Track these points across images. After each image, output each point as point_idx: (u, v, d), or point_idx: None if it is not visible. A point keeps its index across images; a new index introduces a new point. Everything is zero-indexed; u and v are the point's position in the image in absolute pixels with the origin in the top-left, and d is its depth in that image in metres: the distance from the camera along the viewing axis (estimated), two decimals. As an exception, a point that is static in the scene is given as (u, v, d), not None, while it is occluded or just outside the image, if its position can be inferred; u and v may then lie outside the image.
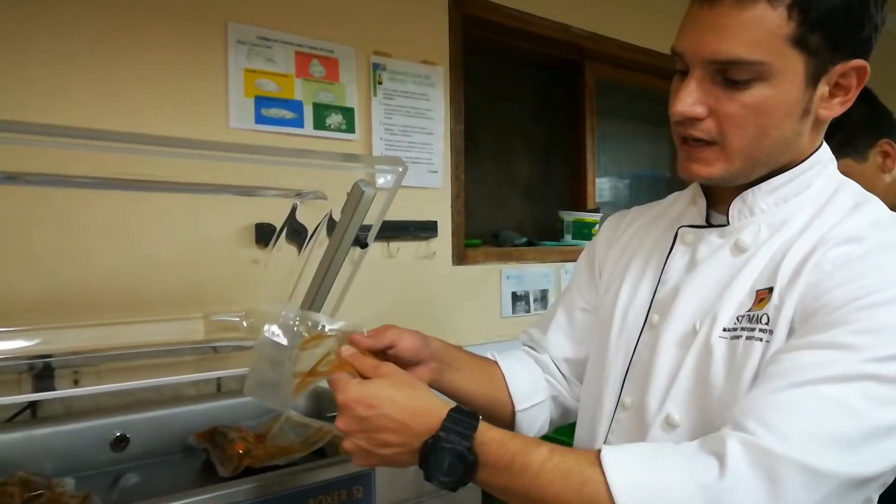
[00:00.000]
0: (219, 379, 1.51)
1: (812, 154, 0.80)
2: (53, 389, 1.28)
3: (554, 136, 2.62)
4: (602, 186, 2.65)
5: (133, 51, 1.43)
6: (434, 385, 0.92)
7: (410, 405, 0.72)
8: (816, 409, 0.62)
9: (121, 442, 1.21)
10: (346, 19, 1.74)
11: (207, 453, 1.20)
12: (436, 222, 1.93)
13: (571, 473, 0.65)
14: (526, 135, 2.56)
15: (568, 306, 1.03)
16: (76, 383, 1.34)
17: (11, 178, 1.10)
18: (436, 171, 1.94)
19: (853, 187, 0.81)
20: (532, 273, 2.20)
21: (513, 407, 0.96)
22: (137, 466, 1.19)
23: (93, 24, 1.38)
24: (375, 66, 1.81)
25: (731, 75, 0.71)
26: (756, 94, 0.71)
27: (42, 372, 1.28)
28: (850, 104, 0.77)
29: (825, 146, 0.82)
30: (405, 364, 0.88)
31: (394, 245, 1.85)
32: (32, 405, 1.29)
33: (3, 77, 1.29)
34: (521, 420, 0.97)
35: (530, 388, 0.98)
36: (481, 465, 0.69)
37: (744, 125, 0.73)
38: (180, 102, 1.49)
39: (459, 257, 2.01)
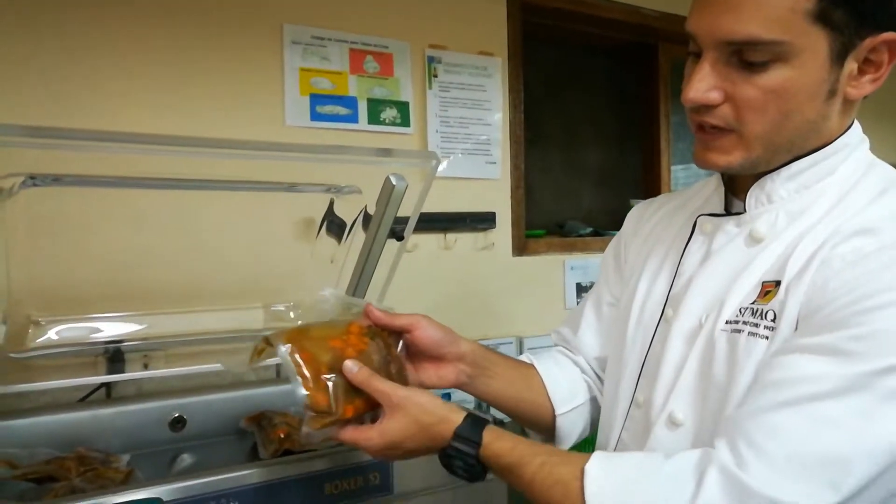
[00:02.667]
0: (278, 365, 1.59)
1: (839, 136, 0.74)
2: (124, 372, 1.39)
3: (626, 123, 2.54)
4: (678, 174, 2.54)
5: (194, 58, 1.52)
6: (466, 389, 0.92)
7: (426, 432, 0.75)
8: (808, 431, 0.59)
9: (178, 423, 1.29)
10: (400, 15, 1.77)
11: (255, 436, 1.26)
12: (494, 213, 1.92)
13: (555, 489, 0.68)
14: (596, 123, 2.50)
15: (596, 302, 1.00)
16: (146, 367, 1.45)
17: (87, 181, 1.21)
18: (494, 163, 1.93)
19: (882, 170, 0.74)
20: (597, 264, 2.13)
21: (553, 411, 0.94)
22: (193, 446, 1.27)
23: (157, 37, 1.48)
24: (430, 60, 1.82)
25: (747, 57, 0.66)
26: (775, 76, 0.66)
27: (115, 356, 1.39)
28: (882, 81, 0.70)
29: (856, 127, 0.76)
30: (427, 357, 0.88)
31: (451, 236, 1.86)
32: (107, 386, 1.41)
33: (79, 87, 1.42)
34: (562, 424, 0.95)
35: (569, 391, 0.96)
36: (489, 470, 0.75)
37: (763, 110, 0.68)
38: (239, 103, 1.57)
39: (520, 248, 1.99)
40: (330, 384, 0.75)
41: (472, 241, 1.91)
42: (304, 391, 0.74)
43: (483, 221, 1.91)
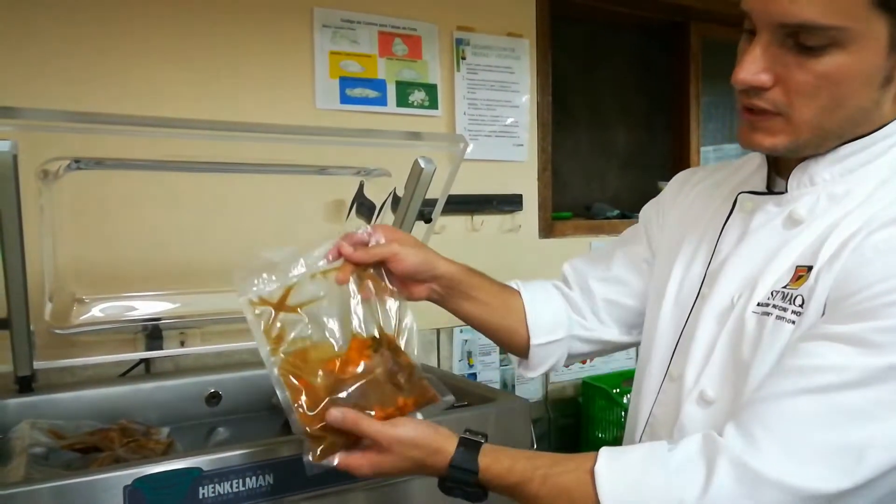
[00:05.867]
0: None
1: (891, 122, 0.71)
2: (162, 349, 1.45)
3: (655, 103, 2.51)
4: (708, 156, 2.51)
5: (227, 44, 1.55)
6: (439, 304, 0.92)
7: (418, 464, 0.75)
8: (826, 418, 0.60)
9: (214, 398, 1.34)
10: (429, -4, 1.78)
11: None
12: (521, 195, 1.93)
13: (561, 499, 0.69)
14: (625, 103, 2.48)
15: (630, 254, 0.98)
16: (182, 344, 1.50)
17: (127, 164, 1.25)
18: (521, 145, 1.94)
19: None
20: (624, 246, 2.14)
21: (528, 340, 0.95)
22: (228, 420, 1.32)
23: (192, 24, 1.51)
24: (459, 42, 1.82)
25: (803, 40, 0.64)
26: (831, 61, 0.64)
27: (153, 333, 1.44)
28: None
29: None
30: (401, 279, 0.86)
31: (477, 218, 1.88)
32: (146, 361, 1.46)
33: (119, 74, 1.45)
34: (535, 354, 0.95)
35: (550, 323, 0.95)
36: (491, 491, 0.74)
37: (815, 95, 0.66)
38: (271, 87, 1.60)
39: (546, 230, 2.00)
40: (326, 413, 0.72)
41: (499, 223, 1.93)
42: (300, 424, 0.72)
43: (510, 204, 1.92)
